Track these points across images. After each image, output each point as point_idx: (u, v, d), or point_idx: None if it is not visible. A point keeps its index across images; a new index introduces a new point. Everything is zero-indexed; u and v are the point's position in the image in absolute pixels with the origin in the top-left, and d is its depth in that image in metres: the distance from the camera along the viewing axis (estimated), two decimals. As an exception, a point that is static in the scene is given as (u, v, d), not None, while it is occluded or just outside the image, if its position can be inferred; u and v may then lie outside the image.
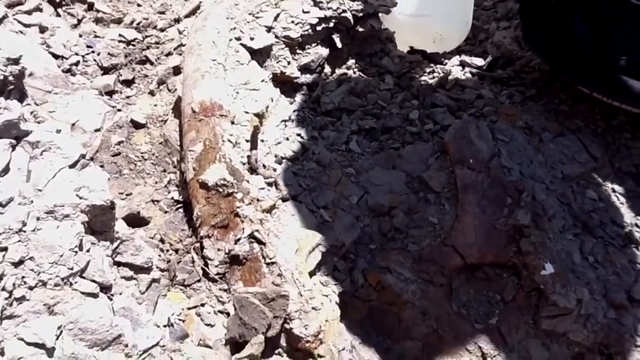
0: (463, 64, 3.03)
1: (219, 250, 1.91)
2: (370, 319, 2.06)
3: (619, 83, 2.47)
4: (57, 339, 1.24)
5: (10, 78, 1.48)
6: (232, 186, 1.99)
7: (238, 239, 1.90)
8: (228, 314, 1.81)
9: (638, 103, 2.45)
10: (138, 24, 3.01)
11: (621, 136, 2.66)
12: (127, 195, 2.19)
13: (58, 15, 2.92)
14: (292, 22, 2.66)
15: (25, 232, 1.31)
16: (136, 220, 2.04)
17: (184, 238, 2.05)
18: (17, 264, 1.28)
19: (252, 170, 2.11)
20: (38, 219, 1.35)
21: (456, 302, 2.11)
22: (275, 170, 2.18)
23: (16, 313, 1.24)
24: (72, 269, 1.34)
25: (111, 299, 1.43)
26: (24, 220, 1.32)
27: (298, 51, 2.70)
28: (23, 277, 1.28)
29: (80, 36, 2.84)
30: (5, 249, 1.28)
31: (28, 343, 1.22)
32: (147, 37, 2.91)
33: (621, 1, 2.54)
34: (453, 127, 2.42)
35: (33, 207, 1.34)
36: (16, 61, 1.52)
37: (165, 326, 1.53)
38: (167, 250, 1.98)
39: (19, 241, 1.30)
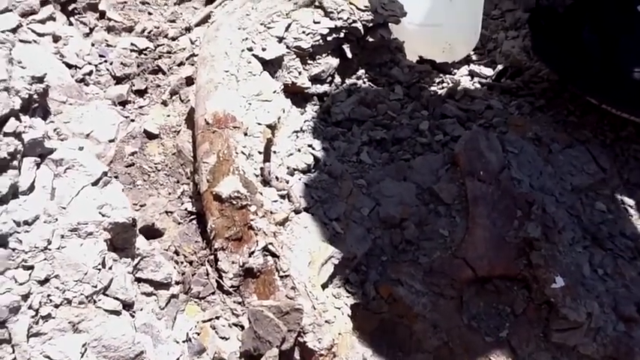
0: (472, 74, 3.05)
1: (233, 262, 1.94)
2: (381, 332, 2.08)
3: (629, 94, 2.48)
4: (82, 357, 1.27)
5: (35, 96, 1.50)
6: (246, 198, 2.02)
7: (252, 252, 1.92)
8: (242, 327, 1.83)
9: None
10: (149, 32, 3.03)
11: (630, 147, 2.67)
12: (141, 206, 2.22)
13: (71, 24, 2.94)
14: (303, 32, 2.68)
15: (50, 250, 1.33)
16: (150, 232, 2.06)
17: (198, 250, 2.07)
18: (43, 282, 1.30)
19: (266, 182, 2.13)
20: (63, 237, 1.37)
21: (467, 315, 2.13)
22: (287, 182, 2.20)
23: (42, 331, 1.27)
24: (96, 287, 1.37)
25: (133, 316, 1.45)
26: (49, 239, 1.34)
27: (309, 61, 2.72)
28: (49, 295, 1.30)
29: (92, 45, 2.87)
30: (32, 267, 1.30)
31: (54, 361, 1.25)
32: (158, 46, 2.93)
33: (630, 11, 2.56)
34: (463, 139, 2.43)
35: (57, 225, 1.37)
36: (40, 80, 1.54)
37: (184, 342, 1.55)
38: (182, 262, 2.00)
39: (45, 259, 1.32)
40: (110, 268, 1.44)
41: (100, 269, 1.39)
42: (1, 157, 1.30)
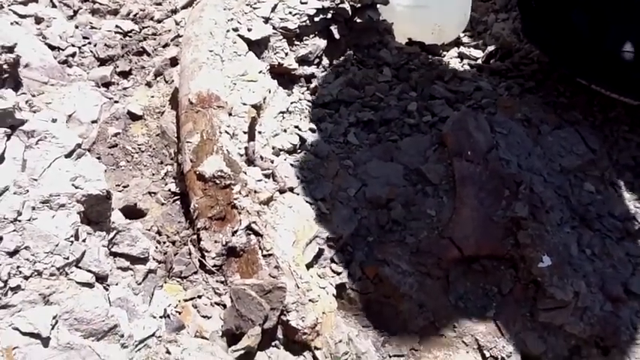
0: (461, 56, 3.03)
1: (216, 242, 1.91)
2: (367, 312, 2.06)
3: (618, 75, 2.46)
4: (52, 329, 1.24)
5: (5, 66, 1.47)
6: (229, 178, 1.99)
7: (235, 231, 1.89)
8: (224, 306, 1.80)
9: (637, 95, 2.44)
10: (135, 15, 2.99)
11: (619, 128, 2.66)
12: (124, 187, 2.19)
13: (54, 6, 2.90)
14: (290, 13, 2.65)
15: (20, 221, 1.30)
16: (133, 212, 2.04)
17: (181, 230, 2.04)
18: (12, 253, 1.27)
19: (250, 162, 2.10)
20: (34, 208, 1.34)
21: (454, 295, 2.11)
22: (272, 162, 2.17)
23: (11, 303, 1.24)
24: (67, 259, 1.34)
25: (107, 289, 1.43)
26: (19, 210, 1.31)
27: (296, 42, 2.69)
28: (18, 266, 1.27)
29: (76, 27, 2.82)
30: (0, 238, 1.27)
31: (24, 333, 1.22)
32: (144, 28, 2.89)
33: None
34: (451, 119, 2.41)
35: (28, 196, 1.34)
36: (10, 50, 1.51)
37: (161, 317, 1.53)
38: (164, 242, 1.97)
39: (15, 230, 1.29)
40: (84, 240, 1.42)
41: (72, 241, 1.36)
42: (-32, 127, 1.27)
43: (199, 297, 1.81)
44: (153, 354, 1.37)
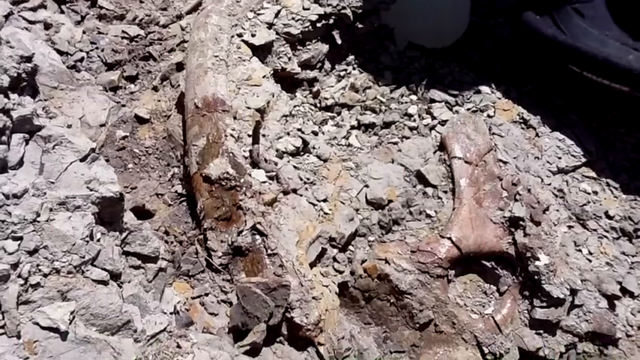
0: (461, 60, 3.07)
1: (222, 241, 1.97)
2: (369, 309, 2.12)
3: (607, 62, 2.48)
4: (70, 323, 1.31)
5: (24, 75, 1.54)
6: (235, 179, 2.05)
7: (241, 231, 1.95)
8: (231, 304, 1.86)
9: (626, 81, 2.45)
10: (140, 20, 3.05)
11: (616, 130, 2.71)
12: (132, 188, 2.25)
13: (62, 12, 2.96)
14: (293, 18, 2.71)
15: (39, 222, 1.37)
16: (141, 213, 2.09)
17: (188, 231, 2.10)
18: (32, 252, 1.34)
19: (254, 164, 2.16)
20: (51, 210, 1.41)
21: (453, 292, 2.17)
22: (276, 164, 2.23)
23: (31, 299, 1.31)
24: (84, 258, 1.40)
25: (120, 287, 1.49)
26: (38, 211, 1.38)
27: (299, 47, 2.75)
28: (38, 264, 1.34)
29: (84, 32, 2.89)
30: (21, 238, 1.34)
31: (43, 327, 1.29)
32: (149, 33, 2.95)
33: None
34: (450, 122, 2.47)
35: (46, 198, 1.40)
36: (29, 59, 1.57)
37: (171, 313, 1.59)
38: (172, 242, 2.03)
39: (34, 230, 1.35)
40: (98, 240, 1.48)
41: (88, 241, 1.43)
42: (-10, 132, 1.34)
43: (206, 295, 1.87)
44: (164, 348, 1.43)
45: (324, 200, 2.20)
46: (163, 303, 1.59)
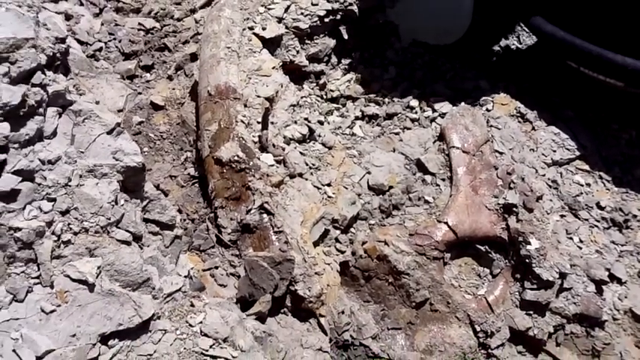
0: (463, 57, 3.19)
1: (231, 219, 2.10)
2: (368, 288, 2.24)
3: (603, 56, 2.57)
4: (97, 277, 1.45)
5: (58, 55, 1.68)
6: (244, 162, 2.18)
7: (249, 210, 2.08)
8: (239, 276, 1.99)
9: (621, 76, 2.55)
10: (156, 14, 3.19)
11: (610, 126, 2.81)
12: (147, 170, 2.37)
13: (82, 4, 3.10)
14: (302, 13, 2.84)
15: (70, 186, 1.51)
16: (155, 193, 2.23)
17: (200, 209, 2.23)
18: (64, 213, 1.48)
19: (263, 149, 2.29)
20: (81, 176, 1.55)
21: (448, 274, 2.29)
22: (284, 149, 2.35)
23: (63, 254, 1.45)
24: (109, 219, 1.55)
25: (141, 248, 1.63)
26: (69, 177, 1.52)
27: (307, 41, 2.88)
28: (69, 224, 1.48)
29: (102, 24, 3.03)
30: (54, 200, 1.48)
31: (73, 279, 1.42)
32: (165, 26, 3.09)
33: None
34: (450, 114, 2.59)
35: (76, 166, 1.54)
36: (62, 40, 1.71)
37: (185, 277, 1.72)
38: (184, 220, 2.16)
39: (66, 193, 1.49)
40: (122, 205, 1.62)
41: (113, 205, 1.56)
42: (30, 104, 1.48)
43: (216, 268, 2.00)
44: (179, 306, 1.56)
45: (328, 185, 2.33)
46: (179, 267, 1.73)
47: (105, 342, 1.43)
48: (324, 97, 2.83)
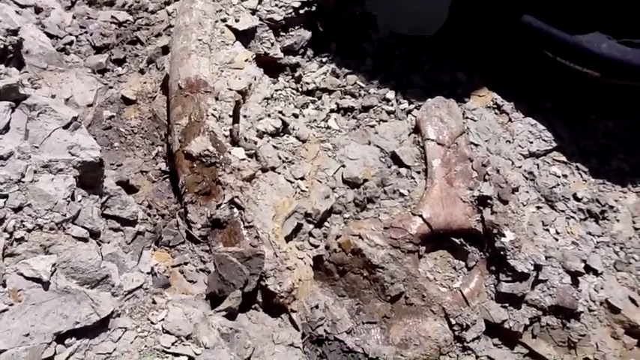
0: (440, 49, 3.16)
1: (201, 214, 2.06)
2: (343, 282, 2.21)
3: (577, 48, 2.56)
4: (51, 275, 1.40)
5: (10, 47, 1.63)
6: (215, 156, 2.14)
7: (219, 205, 2.05)
8: (209, 272, 1.96)
9: (597, 66, 2.54)
10: (129, 6, 3.13)
11: (587, 117, 2.80)
12: (118, 166, 2.34)
13: (53, -4, 3.04)
14: (276, 5, 2.79)
15: (23, 182, 1.46)
16: (125, 189, 2.17)
17: (170, 205, 2.19)
18: (17, 209, 1.44)
19: (234, 143, 2.25)
20: (35, 172, 1.50)
21: (423, 267, 2.27)
22: (256, 143, 2.32)
23: (16, 252, 1.40)
24: (65, 216, 1.50)
25: (100, 245, 1.59)
26: (23, 173, 1.47)
27: (282, 33, 2.84)
28: (22, 220, 1.44)
29: (74, 17, 2.97)
30: (6, 196, 1.43)
31: (27, 277, 1.38)
32: (138, 18, 3.03)
33: None
34: (425, 105, 2.57)
35: (30, 161, 1.50)
36: (14, 32, 1.67)
37: (148, 273, 1.68)
38: (154, 215, 2.12)
39: (19, 190, 1.45)
40: (79, 201, 1.58)
41: (69, 201, 1.52)
42: (-22, 99, 1.43)
43: (185, 264, 1.96)
44: (140, 303, 1.52)
45: (302, 178, 2.30)
46: (141, 264, 1.69)
47: (61, 341, 1.40)
48: (300, 89, 2.79)
